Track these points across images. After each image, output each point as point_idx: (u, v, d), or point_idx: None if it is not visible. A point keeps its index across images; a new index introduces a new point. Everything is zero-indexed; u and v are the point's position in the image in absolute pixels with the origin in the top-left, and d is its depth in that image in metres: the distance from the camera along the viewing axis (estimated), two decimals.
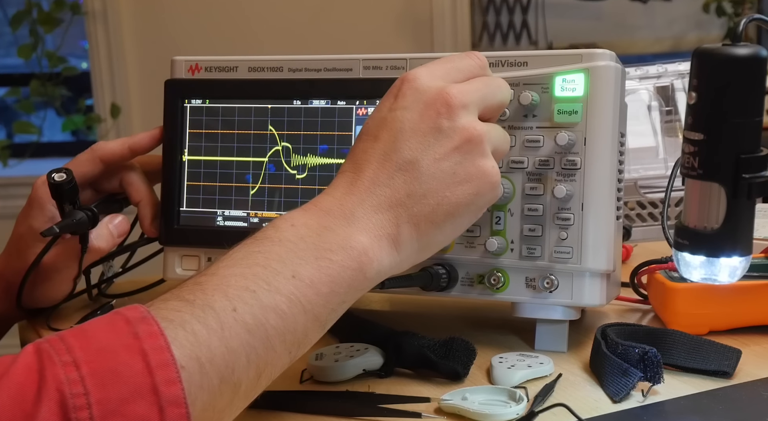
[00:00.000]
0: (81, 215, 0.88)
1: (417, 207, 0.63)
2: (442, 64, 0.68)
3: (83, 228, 0.88)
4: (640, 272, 0.90)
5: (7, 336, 0.97)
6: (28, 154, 3.15)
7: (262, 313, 0.55)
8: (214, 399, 0.52)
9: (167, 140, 0.90)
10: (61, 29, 3.03)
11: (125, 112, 3.10)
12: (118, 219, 0.92)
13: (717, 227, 0.71)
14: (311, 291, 0.58)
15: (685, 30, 3.41)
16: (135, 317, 0.51)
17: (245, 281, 0.56)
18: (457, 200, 0.64)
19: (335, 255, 0.59)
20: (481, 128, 0.65)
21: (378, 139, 0.65)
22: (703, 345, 0.74)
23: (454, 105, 0.64)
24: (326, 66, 0.86)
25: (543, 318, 0.80)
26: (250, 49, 2.79)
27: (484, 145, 0.65)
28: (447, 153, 0.64)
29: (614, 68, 0.77)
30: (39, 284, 0.90)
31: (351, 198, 0.63)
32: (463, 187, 0.64)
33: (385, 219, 0.62)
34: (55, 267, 0.90)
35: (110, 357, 0.49)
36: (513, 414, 0.65)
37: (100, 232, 0.90)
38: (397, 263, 0.64)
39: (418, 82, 0.66)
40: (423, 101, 0.65)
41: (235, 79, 0.89)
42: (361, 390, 0.72)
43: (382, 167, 0.63)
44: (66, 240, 0.89)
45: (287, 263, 0.58)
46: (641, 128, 1.16)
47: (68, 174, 0.87)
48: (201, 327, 0.52)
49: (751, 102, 0.70)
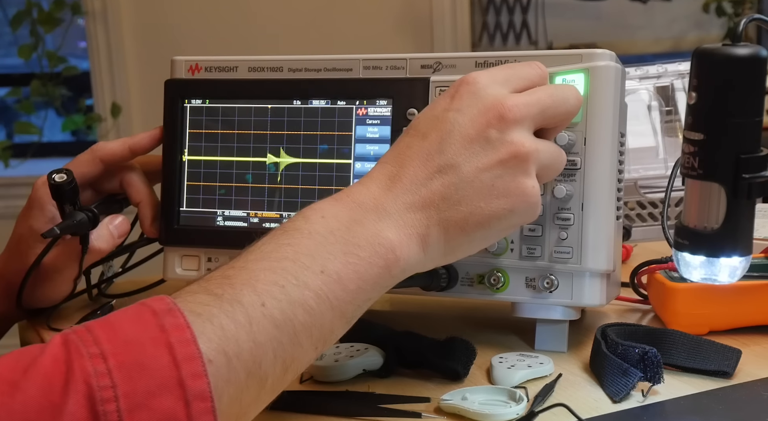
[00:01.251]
0: (82, 216, 0.88)
1: (449, 212, 0.63)
2: (504, 70, 0.67)
3: (84, 229, 0.88)
4: (640, 272, 0.90)
5: (7, 336, 0.97)
6: (29, 155, 3.15)
7: (290, 308, 0.55)
8: (241, 393, 0.52)
9: (167, 140, 0.90)
10: (61, 29, 3.03)
11: (125, 111, 3.10)
12: (118, 220, 0.92)
13: (717, 227, 0.71)
14: (339, 287, 0.58)
15: (685, 30, 3.41)
16: (162, 309, 0.51)
17: (274, 275, 0.56)
18: (490, 213, 0.63)
19: (363, 251, 0.59)
20: (530, 146, 0.63)
21: (426, 137, 0.64)
22: (703, 345, 0.74)
23: (507, 118, 0.63)
24: (326, 66, 0.86)
25: (543, 318, 0.80)
26: (250, 49, 2.79)
27: (528, 164, 0.64)
28: (490, 164, 0.63)
29: (614, 68, 0.77)
30: (39, 284, 0.90)
31: (387, 193, 0.62)
32: (498, 201, 0.63)
33: (417, 219, 0.62)
34: (56, 268, 0.90)
35: (137, 349, 0.49)
36: (513, 414, 0.65)
37: (100, 233, 0.90)
38: (422, 264, 0.63)
39: (477, 86, 0.65)
40: (478, 107, 0.63)
41: (235, 79, 0.89)
42: (361, 390, 0.72)
43: (423, 166, 0.63)
44: (66, 241, 0.89)
45: (316, 257, 0.57)
46: (641, 128, 1.16)
47: (69, 175, 0.87)
48: (229, 321, 0.52)
49: (751, 102, 0.70)
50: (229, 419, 0.52)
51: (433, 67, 0.82)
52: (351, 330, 0.81)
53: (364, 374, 0.75)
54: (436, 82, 0.81)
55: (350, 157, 0.84)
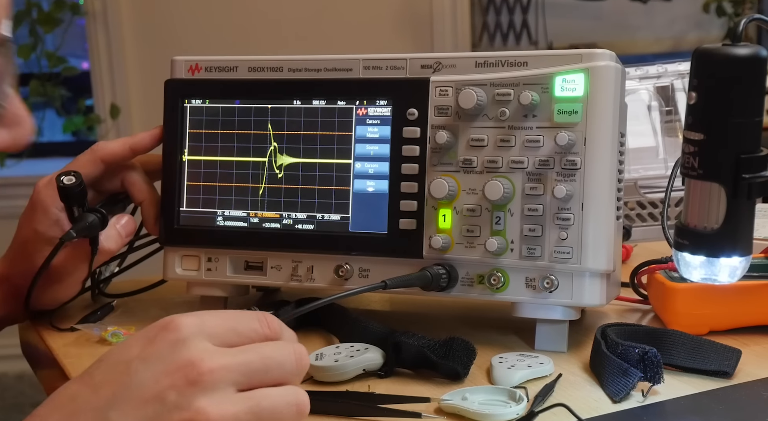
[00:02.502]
0: (93, 218, 0.87)
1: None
2: (221, 319, 0.56)
3: (95, 231, 0.88)
4: (640, 272, 0.90)
5: (8, 336, 0.97)
6: (28, 155, 3.15)
7: None
8: None
9: (167, 140, 0.90)
10: (61, 29, 3.03)
11: (125, 112, 3.10)
12: (124, 219, 0.92)
13: (717, 227, 0.71)
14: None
15: (685, 30, 3.41)
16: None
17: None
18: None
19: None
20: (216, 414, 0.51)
21: (98, 390, 0.53)
22: (703, 345, 0.74)
23: (198, 382, 0.52)
24: (326, 66, 0.86)
25: (543, 318, 0.80)
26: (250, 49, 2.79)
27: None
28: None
29: (614, 68, 0.77)
30: (48, 286, 0.90)
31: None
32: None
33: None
34: (66, 269, 0.90)
35: None
36: (513, 414, 0.65)
37: (109, 233, 0.90)
38: None
39: (178, 335, 0.54)
40: (168, 363, 0.53)
41: (235, 79, 0.89)
42: (361, 390, 0.72)
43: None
44: (75, 243, 0.89)
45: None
46: (641, 128, 1.16)
47: (77, 177, 0.86)
48: None
49: (751, 102, 0.70)
50: None
51: (433, 67, 0.82)
52: (351, 330, 0.81)
53: (364, 374, 0.75)
54: (436, 82, 0.81)
55: (350, 157, 0.84)
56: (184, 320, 0.54)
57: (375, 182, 0.83)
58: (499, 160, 0.79)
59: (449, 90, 0.81)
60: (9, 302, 0.92)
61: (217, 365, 0.53)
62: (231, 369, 0.53)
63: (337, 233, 0.84)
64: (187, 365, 0.52)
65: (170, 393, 0.52)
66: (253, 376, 0.54)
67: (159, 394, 0.52)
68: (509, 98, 0.79)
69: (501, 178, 0.78)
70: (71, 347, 0.86)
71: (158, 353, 0.53)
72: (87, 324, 0.90)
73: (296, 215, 0.86)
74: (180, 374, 0.52)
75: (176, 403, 0.52)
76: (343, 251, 0.84)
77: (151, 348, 0.54)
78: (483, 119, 0.80)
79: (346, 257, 0.84)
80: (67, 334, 0.90)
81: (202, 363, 0.52)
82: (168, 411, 0.51)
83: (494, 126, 0.79)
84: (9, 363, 2.93)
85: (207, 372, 0.52)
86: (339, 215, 0.85)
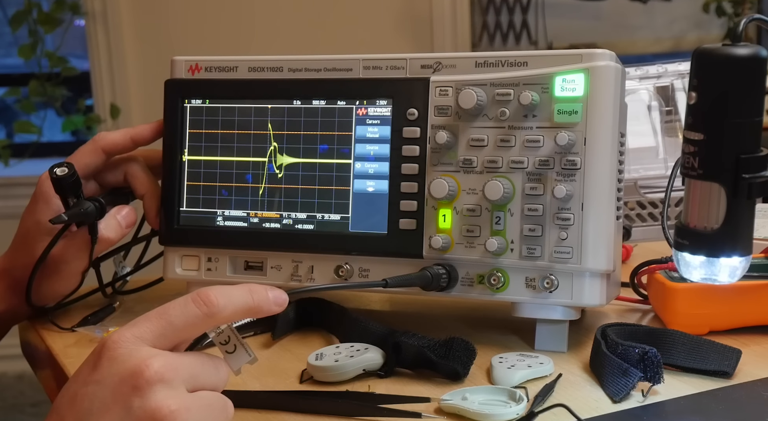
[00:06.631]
0: (88, 205, 0.88)
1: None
2: (154, 320, 0.57)
3: (91, 218, 0.88)
4: (640, 272, 0.90)
5: (8, 336, 0.97)
6: (29, 154, 3.15)
7: None
8: None
9: (167, 140, 0.91)
10: (61, 29, 3.03)
11: (125, 112, 3.10)
12: (125, 210, 0.93)
13: (717, 227, 0.71)
14: None
15: (685, 30, 3.41)
16: None
17: None
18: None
19: None
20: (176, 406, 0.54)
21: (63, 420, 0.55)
22: (703, 345, 0.74)
23: (152, 380, 0.54)
24: (326, 66, 0.86)
25: (543, 318, 0.80)
26: (250, 49, 2.79)
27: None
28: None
29: (614, 68, 0.77)
30: (47, 277, 0.90)
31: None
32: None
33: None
34: (64, 259, 0.90)
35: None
36: (513, 414, 0.65)
37: (108, 222, 0.91)
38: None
39: (118, 351, 0.55)
40: (120, 375, 0.54)
41: (235, 79, 0.89)
42: (361, 390, 0.72)
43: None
44: (73, 232, 0.89)
45: None
46: (641, 128, 1.16)
47: (70, 168, 0.87)
48: None
49: (751, 102, 0.70)
50: None
51: (433, 67, 0.82)
52: (351, 330, 0.81)
53: (364, 374, 0.75)
54: (436, 82, 0.81)
55: (350, 157, 0.84)
56: (117, 337, 0.56)
57: (375, 182, 0.83)
58: (499, 160, 0.79)
59: (449, 90, 0.81)
60: (10, 295, 0.92)
61: (164, 362, 0.55)
62: (178, 367, 0.55)
63: (337, 233, 0.84)
64: (137, 367, 0.54)
65: (134, 400, 0.53)
66: (198, 377, 0.56)
67: (123, 404, 0.54)
68: (509, 98, 0.79)
69: (501, 178, 0.78)
70: (71, 347, 0.86)
71: (106, 370, 0.55)
72: (88, 326, 0.91)
73: (296, 215, 0.86)
74: (134, 378, 0.54)
75: (141, 406, 0.53)
76: (343, 251, 0.84)
77: (98, 370, 0.55)
78: (483, 119, 0.80)
79: (346, 257, 0.84)
80: (68, 334, 0.90)
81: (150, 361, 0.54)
82: (136, 416, 0.53)
83: (494, 126, 0.79)
84: (9, 363, 2.93)
85: (158, 368, 0.54)
86: (339, 215, 0.85)
